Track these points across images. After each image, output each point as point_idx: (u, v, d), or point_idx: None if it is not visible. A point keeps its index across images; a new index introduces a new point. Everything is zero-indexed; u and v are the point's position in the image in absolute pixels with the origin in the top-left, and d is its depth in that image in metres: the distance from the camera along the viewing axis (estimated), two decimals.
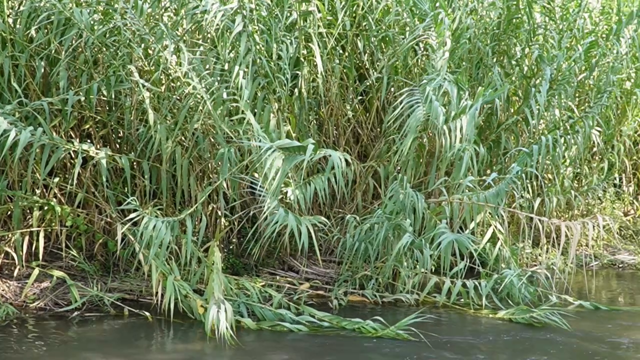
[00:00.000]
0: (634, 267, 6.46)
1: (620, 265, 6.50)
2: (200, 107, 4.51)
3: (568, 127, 6.02)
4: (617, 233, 7.03)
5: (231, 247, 5.11)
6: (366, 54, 5.56)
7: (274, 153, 3.90)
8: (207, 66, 4.61)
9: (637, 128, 7.26)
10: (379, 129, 5.60)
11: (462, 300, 4.70)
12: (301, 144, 3.98)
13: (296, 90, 5.08)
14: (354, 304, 4.71)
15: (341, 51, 5.45)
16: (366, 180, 5.41)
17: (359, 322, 4.07)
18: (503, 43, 6.06)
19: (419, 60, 5.61)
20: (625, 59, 6.53)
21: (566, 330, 4.20)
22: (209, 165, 4.97)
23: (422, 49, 5.54)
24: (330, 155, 4.15)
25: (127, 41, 4.40)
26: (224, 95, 4.49)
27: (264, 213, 4.12)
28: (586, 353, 3.85)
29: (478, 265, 4.98)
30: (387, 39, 5.46)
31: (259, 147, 4.02)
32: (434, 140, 5.07)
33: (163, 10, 4.94)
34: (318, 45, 4.98)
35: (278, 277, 5.02)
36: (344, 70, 5.42)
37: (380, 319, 4.05)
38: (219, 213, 4.91)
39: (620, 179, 7.38)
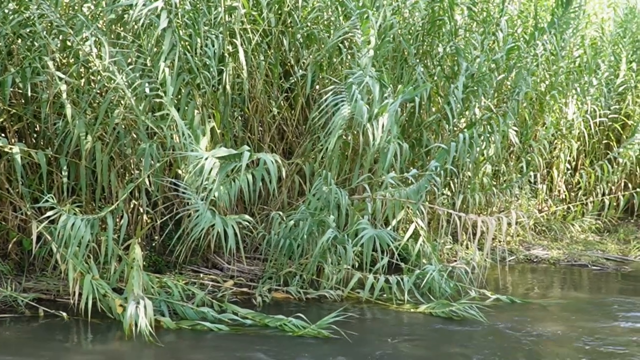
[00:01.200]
0: (547, 261, 6.75)
1: (535, 260, 6.78)
2: (122, 102, 4.40)
3: (487, 126, 6.22)
4: (532, 229, 7.33)
5: (154, 244, 5.02)
6: (291, 51, 5.57)
7: (209, 161, 3.90)
8: (130, 60, 4.50)
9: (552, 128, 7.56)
10: (304, 126, 5.62)
11: (385, 295, 4.78)
12: (237, 152, 3.99)
13: (220, 86, 5.03)
14: (278, 301, 4.71)
15: (266, 48, 5.43)
16: (292, 177, 5.42)
17: (282, 319, 4.07)
18: (426, 43, 6.19)
19: (344, 58, 5.66)
20: (542, 62, 6.84)
21: (483, 322, 4.34)
22: (131, 161, 4.86)
23: (347, 47, 5.59)
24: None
25: (44, 32, 4.24)
26: (147, 91, 4.40)
27: (193, 215, 4.10)
28: (501, 344, 3.98)
29: (400, 262, 5.09)
30: (312, 36, 5.49)
31: (185, 145, 3.99)
32: (358, 137, 5.14)
33: (82, 1, 4.78)
34: (242, 41, 4.95)
35: (202, 275, 4.96)
36: (269, 67, 5.41)
37: (303, 317, 4.05)
38: (141, 210, 4.81)
39: (535, 177, 7.68)
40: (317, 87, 5.58)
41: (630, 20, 8.55)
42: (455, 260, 5.96)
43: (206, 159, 3.97)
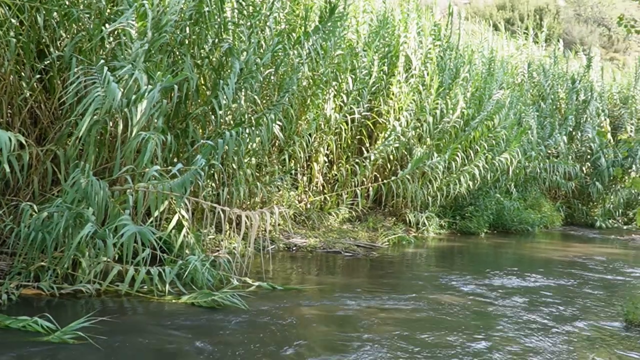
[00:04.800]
0: (305, 249, 7.16)
1: (294, 248, 7.15)
2: None
3: (253, 121, 6.39)
4: (292, 219, 7.72)
5: None
6: (47, 30, 5.17)
7: None
8: None
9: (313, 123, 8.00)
10: (60, 111, 5.26)
11: (147, 287, 4.68)
12: None
13: None
14: (28, 298, 4.34)
15: (18, 24, 4.97)
16: (44, 164, 5.04)
17: (26, 320, 3.72)
18: (194, 35, 6.16)
19: (107, 43, 5.40)
20: (306, 62, 7.20)
21: (245, 310, 4.48)
22: None
23: (114, 34, 5.35)
24: None
25: None
26: None
27: None
28: (262, 330, 4.12)
29: (163, 253, 5.02)
30: (71, 15, 5.15)
31: None
32: (118, 124, 4.94)
33: None
34: None
35: None
36: (21, 45, 4.97)
37: (49, 316, 3.74)
38: None
39: (296, 169, 8.07)
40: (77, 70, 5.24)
41: (383, 27, 9.37)
42: (219, 250, 6.06)
43: None
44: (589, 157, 13.56)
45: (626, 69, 18.09)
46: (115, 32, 5.29)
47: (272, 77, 7.16)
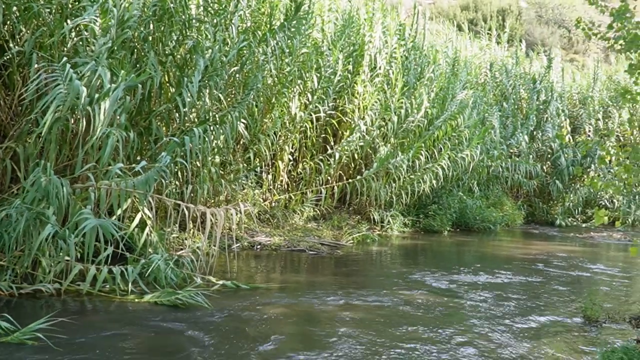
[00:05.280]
0: (269, 247, 7.16)
1: (258, 247, 7.14)
2: None
3: (217, 119, 6.35)
4: (257, 217, 7.70)
5: None
6: (6, 25, 5.06)
7: None
8: None
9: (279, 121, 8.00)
10: (20, 108, 5.16)
11: (109, 286, 4.63)
12: None
13: None
14: None
15: None
16: (3, 162, 4.94)
17: None
18: (158, 31, 6.10)
19: (68, 39, 5.32)
20: (272, 60, 7.19)
21: (209, 309, 4.47)
22: None
23: (76, 29, 5.27)
24: None
25: None
26: None
27: None
28: (225, 328, 4.12)
29: (126, 252, 4.97)
30: (31, 10, 5.05)
31: None
32: (80, 122, 4.87)
33: None
34: None
35: None
36: None
37: (9, 317, 3.68)
38: None
39: (261, 167, 8.06)
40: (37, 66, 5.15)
41: (348, 25, 9.40)
42: (183, 249, 6.02)
43: None
44: (549, 156, 13.82)
45: (585, 70, 18.50)
46: (77, 28, 5.21)
47: (237, 75, 7.13)
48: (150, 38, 5.98)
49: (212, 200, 6.99)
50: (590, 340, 4.33)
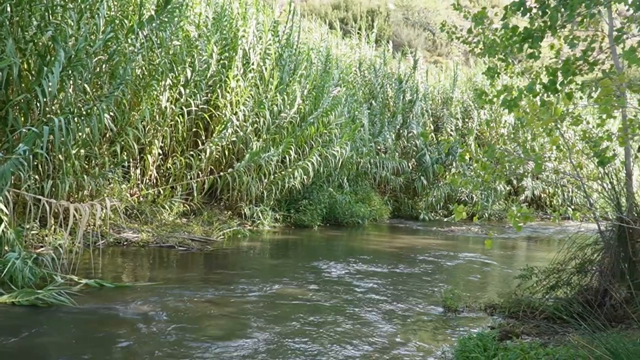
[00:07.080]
0: (137, 244, 6.96)
1: (125, 243, 6.93)
2: None
3: (83, 110, 6.09)
4: (124, 213, 7.46)
5: None
6: None
7: None
8: None
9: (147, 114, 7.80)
10: None
11: None
12: None
13: None
14: None
15: None
16: None
17: None
18: (17, 16, 5.74)
19: None
20: (141, 52, 6.99)
21: (72, 308, 4.31)
22: None
23: None
24: None
25: None
26: None
27: None
28: (88, 328, 3.98)
29: None
30: None
31: None
32: None
33: None
34: None
35: None
36: None
37: None
38: None
39: (129, 162, 7.82)
40: None
41: (221, 19, 9.33)
42: (43, 246, 5.72)
43: None
44: (414, 154, 14.50)
45: (448, 72, 19.55)
46: None
47: (104, 66, 6.87)
48: (7, 22, 5.61)
49: (76, 195, 6.70)
50: (450, 327, 4.62)
